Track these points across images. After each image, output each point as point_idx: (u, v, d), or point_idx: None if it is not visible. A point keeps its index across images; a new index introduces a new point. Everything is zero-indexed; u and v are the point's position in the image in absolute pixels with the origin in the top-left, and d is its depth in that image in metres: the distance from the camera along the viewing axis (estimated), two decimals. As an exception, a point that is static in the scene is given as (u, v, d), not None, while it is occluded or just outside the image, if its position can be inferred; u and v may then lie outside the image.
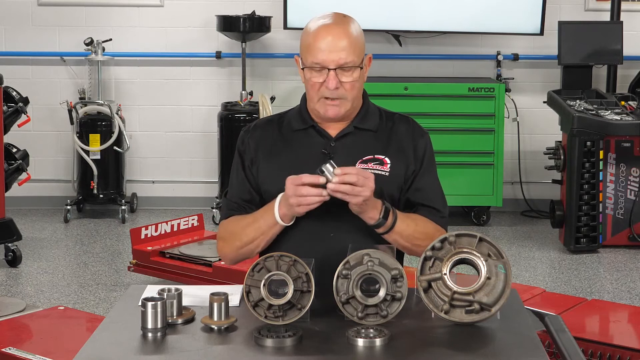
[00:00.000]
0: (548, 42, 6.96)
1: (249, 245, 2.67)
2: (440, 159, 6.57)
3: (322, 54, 2.61)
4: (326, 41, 2.61)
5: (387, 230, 2.59)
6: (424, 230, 2.64)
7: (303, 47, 2.67)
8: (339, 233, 2.66)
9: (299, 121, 2.76)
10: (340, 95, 2.65)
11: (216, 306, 2.31)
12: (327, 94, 2.64)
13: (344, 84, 2.64)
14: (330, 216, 2.64)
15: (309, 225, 2.65)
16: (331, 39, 2.61)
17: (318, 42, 2.62)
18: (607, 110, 6.24)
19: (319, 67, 2.62)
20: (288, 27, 6.92)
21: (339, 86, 2.63)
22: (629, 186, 6.20)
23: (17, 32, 7.20)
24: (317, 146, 2.70)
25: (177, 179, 7.38)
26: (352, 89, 2.66)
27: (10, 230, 5.77)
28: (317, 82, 2.64)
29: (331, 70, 2.61)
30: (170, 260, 5.34)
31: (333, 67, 2.61)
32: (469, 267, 2.40)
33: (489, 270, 2.35)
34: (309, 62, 2.64)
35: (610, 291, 5.46)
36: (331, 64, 2.61)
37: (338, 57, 2.61)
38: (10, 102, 5.97)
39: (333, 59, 2.61)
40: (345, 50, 2.61)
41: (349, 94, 2.66)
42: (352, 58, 2.62)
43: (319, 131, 2.74)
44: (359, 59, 2.65)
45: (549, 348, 3.17)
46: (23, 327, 3.83)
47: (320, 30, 2.64)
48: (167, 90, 7.28)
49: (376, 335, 2.24)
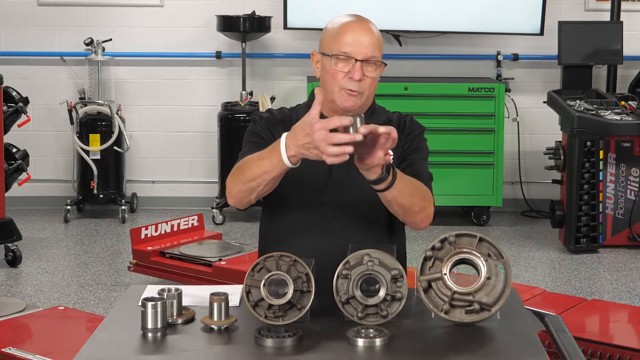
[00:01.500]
0: (548, 42, 6.96)
1: (250, 182, 2.57)
2: (441, 159, 6.67)
3: (350, 46, 2.67)
4: (355, 34, 2.69)
5: (387, 186, 2.52)
6: (418, 188, 2.65)
7: (328, 38, 2.72)
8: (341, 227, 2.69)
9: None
10: (361, 88, 2.69)
11: (216, 306, 2.31)
12: (350, 85, 2.68)
13: (366, 79, 2.68)
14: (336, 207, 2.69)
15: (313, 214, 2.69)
16: (360, 33, 2.69)
17: (347, 34, 2.69)
18: (607, 110, 6.24)
19: (346, 56, 2.67)
20: (288, 27, 6.92)
21: (363, 78, 2.67)
22: (629, 186, 6.20)
23: (17, 32, 7.20)
24: None
25: (177, 179, 7.38)
26: (372, 85, 2.72)
27: (10, 230, 5.77)
28: (341, 71, 2.68)
29: (358, 61, 2.66)
30: (170, 260, 5.34)
31: (360, 59, 2.66)
32: (469, 267, 2.40)
33: (489, 270, 2.35)
34: (336, 51, 2.68)
35: (610, 291, 5.46)
36: (358, 55, 2.67)
37: (365, 50, 2.67)
38: (10, 102, 5.97)
39: (361, 51, 2.67)
40: (372, 46, 2.69)
41: (368, 90, 2.71)
42: (377, 54, 2.70)
43: None
44: (381, 56, 2.72)
45: (549, 348, 3.17)
46: (23, 327, 3.84)
47: (349, 24, 2.71)
48: (167, 90, 7.28)
49: (376, 335, 2.24)
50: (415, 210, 2.63)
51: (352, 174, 2.58)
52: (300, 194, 2.74)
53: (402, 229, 2.84)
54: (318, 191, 2.73)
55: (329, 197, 2.73)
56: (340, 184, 2.73)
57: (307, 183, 2.73)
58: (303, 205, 2.74)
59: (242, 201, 2.67)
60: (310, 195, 2.74)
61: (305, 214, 2.73)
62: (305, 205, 2.74)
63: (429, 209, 2.68)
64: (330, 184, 2.73)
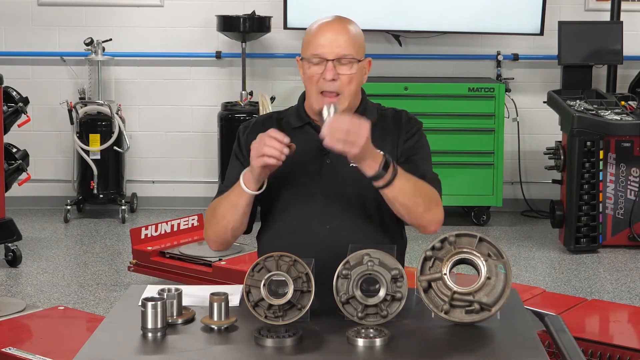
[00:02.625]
0: (548, 42, 6.96)
1: (222, 221, 2.66)
2: (440, 159, 6.67)
3: (322, 47, 2.67)
4: (326, 36, 2.68)
5: (386, 183, 2.53)
6: (423, 189, 2.63)
7: (304, 43, 2.73)
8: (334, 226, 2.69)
9: (296, 119, 2.80)
10: (338, 88, 2.67)
11: (216, 306, 2.31)
12: (325, 86, 2.67)
13: (342, 77, 2.67)
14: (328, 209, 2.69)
15: (305, 218, 2.70)
16: (331, 34, 2.68)
17: (318, 37, 2.69)
18: (607, 110, 6.24)
19: (318, 58, 2.67)
20: (288, 27, 6.92)
21: (337, 78, 2.66)
22: (629, 186, 6.20)
23: (17, 32, 7.20)
24: (314, 142, 2.70)
25: (177, 179, 7.38)
26: (350, 82, 2.68)
27: (10, 230, 5.77)
28: (315, 73, 2.67)
29: (329, 61, 2.66)
30: (170, 260, 5.34)
31: (331, 58, 2.66)
32: (469, 267, 2.40)
33: (489, 270, 2.35)
34: (308, 55, 2.68)
35: (610, 291, 5.46)
36: (329, 55, 2.66)
37: (337, 50, 2.66)
38: (10, 102, 5.97)
39: (332, 51, 2.67)
40: (345, 44, 2.67)
41: (346, 89, 2.68)
42: (351, 52, 2.68)
43: (315, 127, 2.75)
44: (358, 55, 2.70)
45: (549, 348, 3.17)
46: (23, 327, 3.83)
47: (321, 27, 2.71)
48: (167, 90, 7.28)
49: (376, 335, 2.24)
50: (419, 212, 2.61)
51: (342, 173, 2.59)
52: (291, 198, 2.74)
53: (399, 227, 2.83)
54: (309, 193, 2.73)
55: (320, 199, 2.72)
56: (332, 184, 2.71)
57: (298, 186, 2.73)
58: (295, 208, 2.74)
59: (221, 243, 2.74)
60: (301, 197, 2.73)
61: (298, 217, 2.72)
62: (297, 208, 2.73)
63: (435, 211, 2.66)
64: (322, 185, 2.72)
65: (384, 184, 2.53)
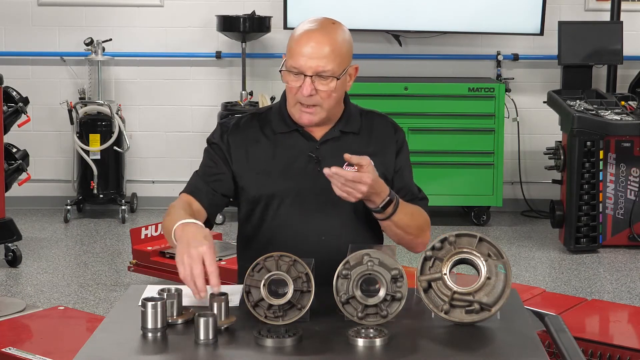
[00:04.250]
0: (548, 42, 6.96)
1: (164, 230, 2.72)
2: (440, 159, 6.68)
3: (302, 60, 2.59)
4: (308, 47, 2.59)
5: (384, 218, 2.61)
6: (417, 219, 2.70)
7: (288, 47, 2.66)
8: (329, 237, 2.69)
9: (281, 123, 2.74)
10: (315, 102, 2.63)
11: (216, 306, 2.31)
12: (303, 100, 2.63)
13: (320, 92, 2.61)
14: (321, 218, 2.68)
15: (300, 227, 2.69)
16: (313, 45, 2.59)
17: (300, 47, 2.60)
18: (607, 110, 6.24)
19: (297, 71, 2.60)
20: (288, 27, 6.92)
21: (314, 93, 2.61)
22: (629, 186, 6.20)
23: (17, 32, 7.20)
24: (302, 149, 2.69)
25: (177, 179, 7.36)
26: (328, 97, 2.63)
27: (10, 230, 5.77)
28: (293, 86, 2.63)
29: (307, 76, 2.59)
30: (170, 260, 5.33)
31: (310, 74, 2.59)
32: (469, 267, 2.40)
33: (489, 270, 2.35)
34: (288, 65, 2.62)
35: (610, 291, 5.46)
36: (308, 71, 2.59)
37: (317, 65, 2.58)
38: (10, 102, 5.97)
39: (311, 66, 2.58)
40: (325, 59, 2.58)
41: (325, 103, 2.63)
42: (331, 67, 2.59)
43: (303, 134, 2.72)
44: (340, 69, 2.61)
45: (549, 348, 3.17)
46: (23, 327, 3.83)
47: (304, 35, 2.62)
48: (167, 90, 7.28)
49: (376, 335, 2.24)
50: (410, 239, 2.70)
51: None
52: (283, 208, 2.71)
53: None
54: (301, 204, 2.70)
55: (312, 209, 2.70)
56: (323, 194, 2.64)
57: (289, 196, 2.70)
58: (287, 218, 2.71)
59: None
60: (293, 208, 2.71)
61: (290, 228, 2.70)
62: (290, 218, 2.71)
63: (424, 237, 2.74)
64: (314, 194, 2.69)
65: (382, 218, 2.61)
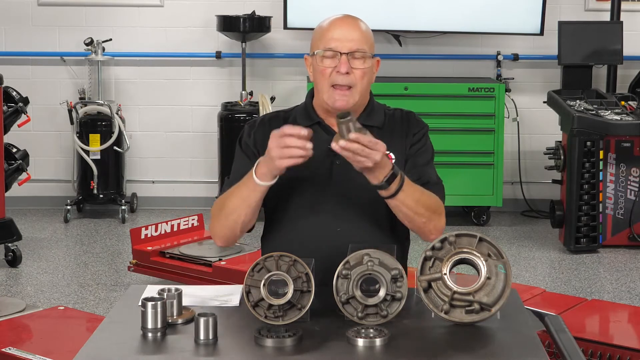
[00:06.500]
0: (548, 42, 6.96)
1: (232, 215, 2.62)
2: (440, 159, 6.57)
3: (335, 41, 2.68)
4: (339, 30, 2.70)
5: (391, 194, 2.55)
6: (427, 200, 2.63)
7: (315, 38, 2.73)
8: (345, 228, 2.68)
9: (304, 118, 2.78)
10: (350, 82, 2.68)
11: (351, 126, 2.36)
12: (339, 80, 2.67)
13: (355, 71, 2.68)
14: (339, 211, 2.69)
15: (316, 219, 2.69)
16: (345, 29, 2.70)
17: (331, 31, 2.70)
18: (607, 110, 6.24)
19: (332, 52, 2.67)
20: (288, 27, 6.92)
21: (350, 71, 2.67)
22: (629, 186, 6.20)
23: (17, 32, 7.20)
24: (323, 143, 2.69)
25: (177, 179, 7.38)
26: (363, 77, 2.70)
27: (10, 230, 5.77)
28: (328, 67, 2.68)
29: (343, 54, 2.67)
30: (170, 260, 5.34)
31: (345, 51, 2.67)
32: (469, 267, 2.40)
33: (489, 270, 2.35)
34: (322, 48, 2.69)
35: (610, 291, 5.46)
36: (343, 49, 2.68)
37: (350, 44, 2.68)
38: (10, 102, 5.97)
39: (346, 45, 2.68)
40: (358, 40, 2.69)
41: (359, 83, 2.69)
42: (364, 46, 2.70)
43: (325, 127, 2.75)
44: (370, 50, 2.72)
45: (549, 348, 3.17)
46: (23, 327, 3.83)
47: (333, 22, 2.73)
48: (167, 90, 7.28)
49: (376, 335, 2.24)
50: (422, 222, 2.62)
51: (352, 175, 2.58)
52: (301, 200, 2.73)
53: (406, 229, 2.82)
54: (319, 196, 2.72)
55: (330, 202, 2.71)
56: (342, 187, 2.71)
57: (308, 188, 2.72)
58: (305, 210, 2.73)
59: (229, 239, 2.70)
60: (311, 200, 2.72)
61: (308, 219, 2.72)
62: (307, 210, 2.72)
63: (437, 221, 2.66)
64: (332, 187, 2.72)
65: (388, 195, 2.55)
